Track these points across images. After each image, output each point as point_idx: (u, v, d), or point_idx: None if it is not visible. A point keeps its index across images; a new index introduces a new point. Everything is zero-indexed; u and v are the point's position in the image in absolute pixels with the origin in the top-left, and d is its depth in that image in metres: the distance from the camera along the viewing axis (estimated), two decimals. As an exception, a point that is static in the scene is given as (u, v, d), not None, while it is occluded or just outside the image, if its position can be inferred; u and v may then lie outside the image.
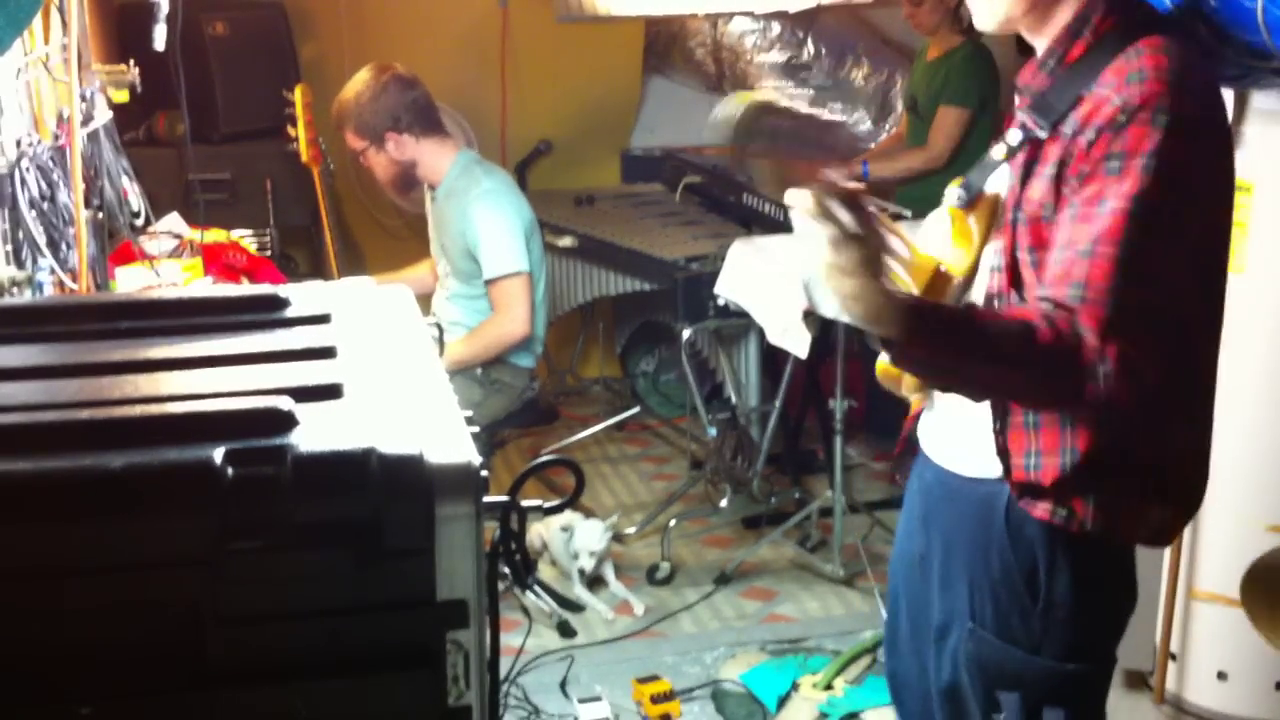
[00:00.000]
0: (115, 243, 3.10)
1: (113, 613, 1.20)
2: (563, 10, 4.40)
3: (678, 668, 3.37)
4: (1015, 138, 1.72)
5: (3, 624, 1.18)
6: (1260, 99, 2.71)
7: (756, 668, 3.34)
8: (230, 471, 1.18)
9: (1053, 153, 1.66)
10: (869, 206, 1.55)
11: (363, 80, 3.49)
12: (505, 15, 5.01)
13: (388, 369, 1.47)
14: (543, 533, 3.80)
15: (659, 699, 3.13)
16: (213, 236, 3.43)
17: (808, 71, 5.21)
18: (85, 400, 1.32)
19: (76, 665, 1.20)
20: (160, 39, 2.89)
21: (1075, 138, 1.62)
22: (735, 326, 3.90)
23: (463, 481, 1.23)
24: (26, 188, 2.36)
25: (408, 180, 3.60)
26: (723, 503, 4.12)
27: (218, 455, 1.18)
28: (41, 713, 1.19)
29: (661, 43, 5.31)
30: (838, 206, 1.50)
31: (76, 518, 1.17)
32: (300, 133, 3.74)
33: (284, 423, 1.26)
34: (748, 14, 5.03)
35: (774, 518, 4.08)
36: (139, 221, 3.23)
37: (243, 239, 3.65)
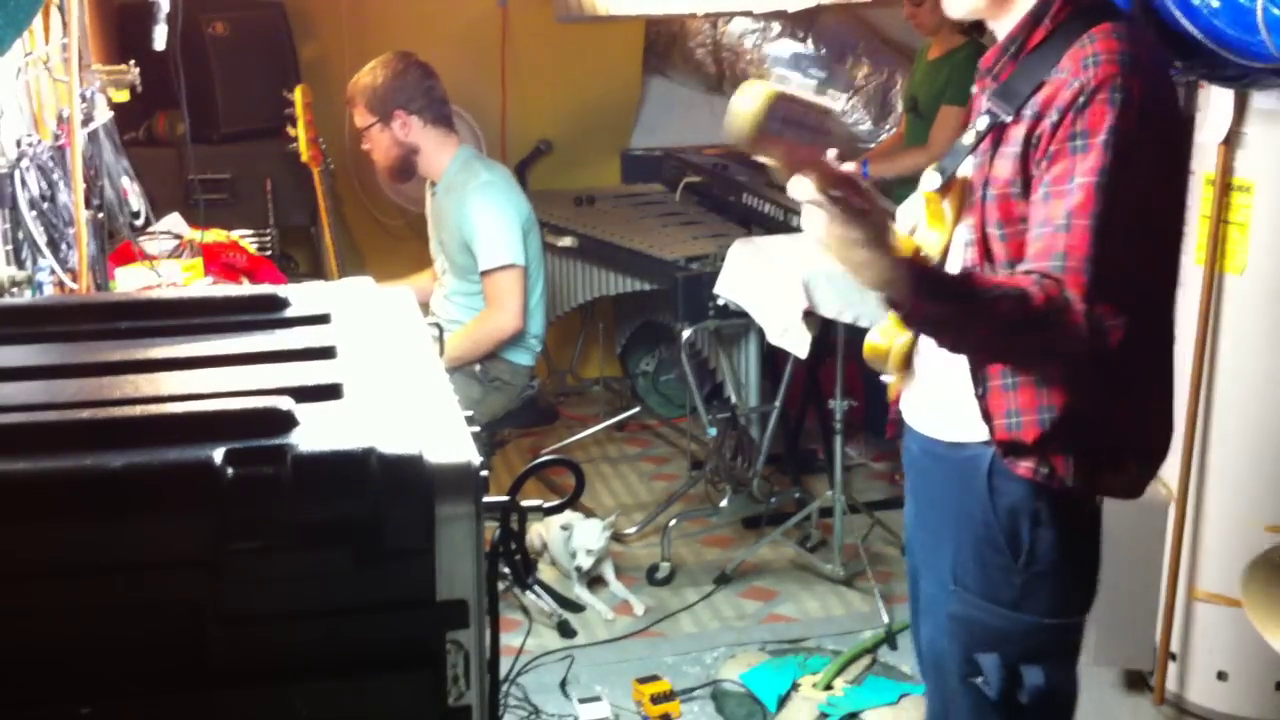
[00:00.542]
0: (115, 243, 3.10)
1: (113, 613, 1.20)
2: (563, 10, 4.40)
3: (678, 668, 3.37)
4: (983, 123, 1.84)
5: (3, 624, 1.18)
6: (1260, 99, 2.71)
7: (756, 668, 3.34)
8: (230, 471, 1.18)
9: (1016, 134, 1.78)
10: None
11: (383, 60, 3.56)
12: (505, 15, 5.01)
13: (388, 369, 1.47)
14: (543, 533, 3.80)
15: (659, 699, 3.13)
16: (213, 236, 3.43)
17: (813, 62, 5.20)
18: (85, 400, 1.32)
19: (76, 665, 1.20)
20: (160, 39, 2.89)
21: (1039, 120, 1.74)
22: (735, 326, 3.90)
23: (463, 481, 1.23)
24: (26, 188, 2.36)
25: (407, 167, 3.61)
26: (723, 503, 4.12)
27: (218, 455, 1.18)
28: (41, 713, 1.19)
29: (661, 43, 5.31)
30: (842, 186, 1.61)
31: (76, 518, 1.17)
32: (300, 133, 3.74)
33: (284, 423, 1.26)
34: (748, 14, 5.03)
35: (774, 518, 4.08)
36: (139, 221, 3.23)
37: (243, 239, 3.65)
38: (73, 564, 1.17)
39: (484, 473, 1.26)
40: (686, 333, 3.89)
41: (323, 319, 1.63)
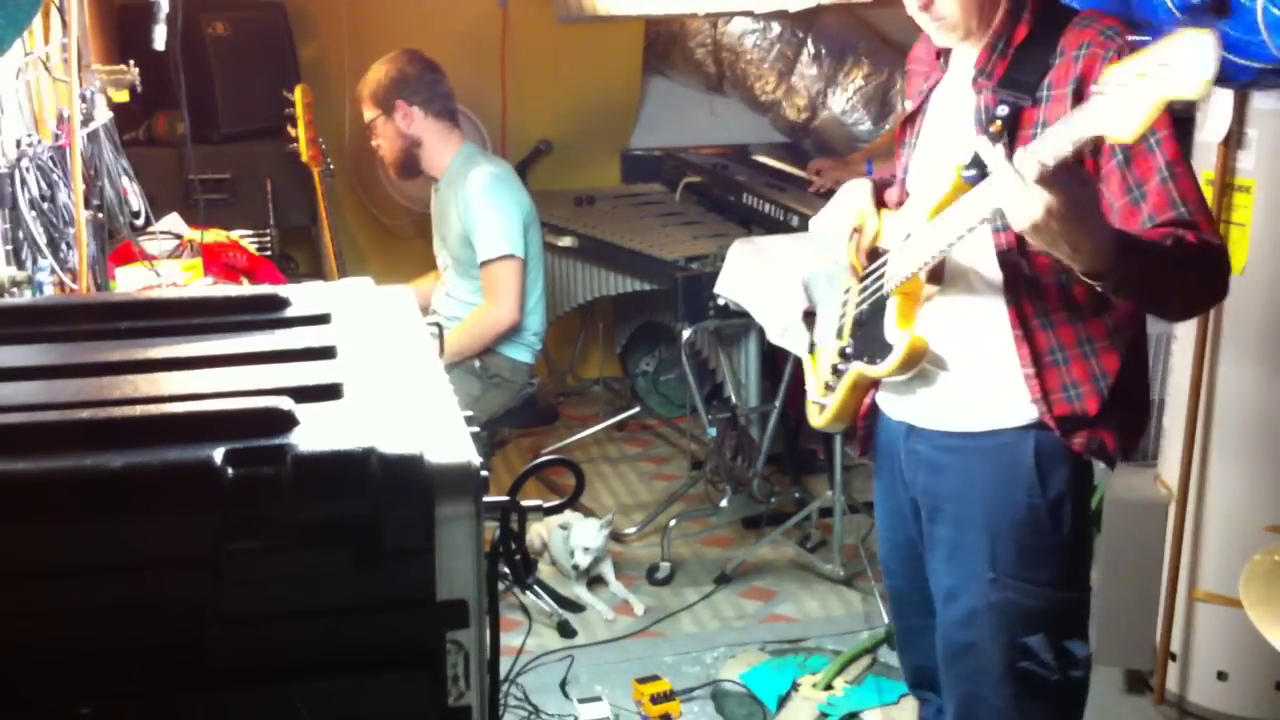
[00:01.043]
0: (115, 243, 3.10)
1: (113, 613, 1.20)
2: (563, 10, 4.40)
3: (678, 668, 3.37)
4: (1003, 110, 1.90)
5: (3, 624, 1.17)
6: (1260, 99, 2.71)
7: (756, 668, 3.34)
8: (230, 471, 1.17)
9: (1036, 114, 1.88)
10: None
11: (390, 57, 3.63)
12: (505, 15, 5.01)
13: (388, 369, 1.47)
14: (542, 533, 3.80)
15: (659, 699, 3.13)
16: (213, 236, 3.43)
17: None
18: (85, 400, 1.32)
19: (76, 665, 1.20)
20: (160, 39, 2.89)
21: (1081, 92, 1.81)
22: (735, 326, 3.90)
23: (463, 481, 1.23)
24: (26, 188, 2.36)
25: (411, 161, 3.63)
26: (723, 503, 4.12)
27: (218, 455, 1.18)
28: (41, 713, 1.19)
29: (661, 43, 5.31)
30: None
31: (76, 518, 1.16)
32: (300, 133, 3.75)
33: (284, 423, 1.26)
34: (748, 14, 5.02)
35: (774, 518, 4.08)
36: (139, 221, 3.23)
37: (243, 239, 3.65)
38: (73, 564, 1.17)
39: (484, 473, 1.26)
40: (686, 333, 3.89)
41: (323, 319, 1.63)
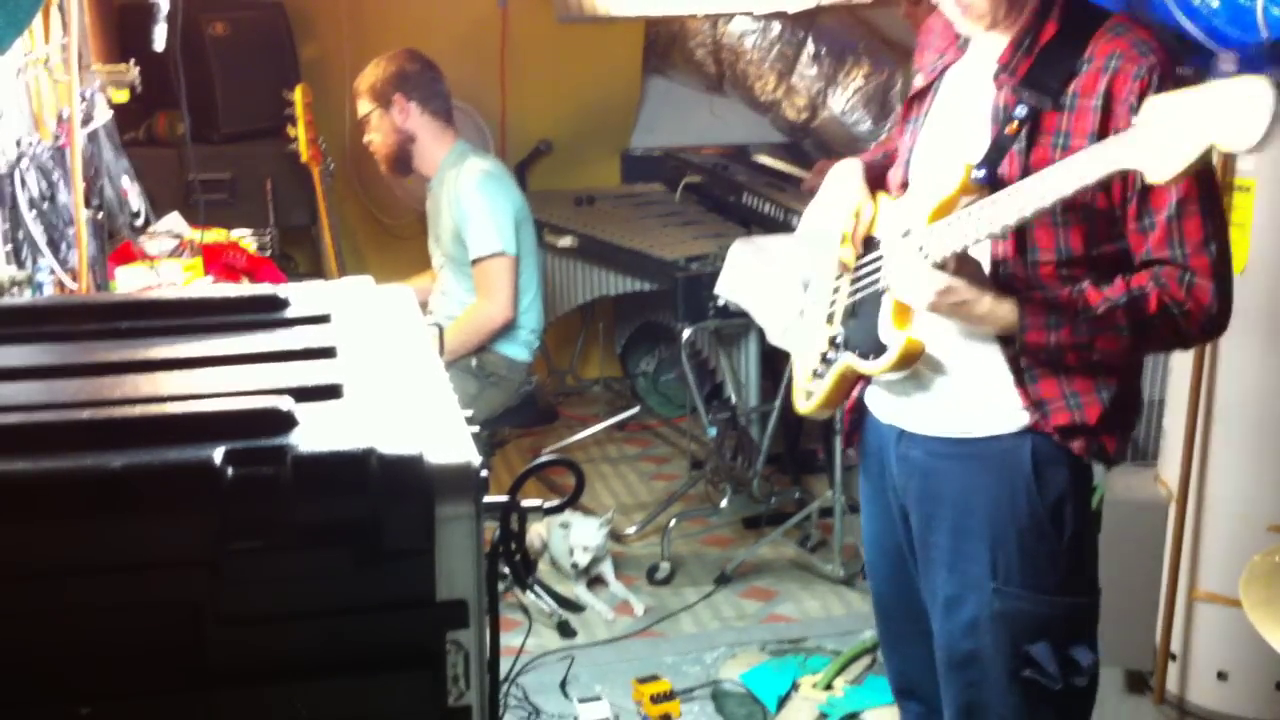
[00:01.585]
0: (115, 243, 3.10)
1: (113, 613, 1.20)
2: (563, 10, 4.40)
3: (678, 668, 3.37)
4: (1022, 111, 1.85)
5: (3, 624, 1.18)
6: (1260, 99, 2.71)
7: (756, 668, 3.34)
8: (230, 471, 1.18)
9: (1058, 122, 1.82)
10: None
11: (389, 55, 3.64)
12: (505, 15, 5.01)
13: (388, 369, 1.47)
14: (542, 533, 3.80)
15: (659, 699, 3.13)
16: (213, 236, 3.43)
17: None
18: (85, 400, 1.32)
19: (76, 665, 1.20)
20: (160, 39, 2.89)
21: (1109, 111, 1.78)
22: (735, 326, 3.90)
23: (463, 482, 1.23)
24: (26, 188, 2.36)
25: (404, 156, 3.63)
26: (723, 503, 4.12)
27: (218, 455, 1.18)
28: (41, 713, 1.19)
29: (661, 43, 5.31)
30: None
31: (76, 518, 1.17)
32: (300, 133, 3.75)
33: (284, 423, 1.26)
34: (748, 14, 5.02)
35: (774, 518, 4.08)
36: (139, 221, 3.23)
37: (243, 239, 3.65)
38: (73, 564, 1.17)
39: (484, 473, 1.26)
40: (686, 333, 3.89)
41: (323, 319, 1.63)
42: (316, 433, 1.25)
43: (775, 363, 4.01)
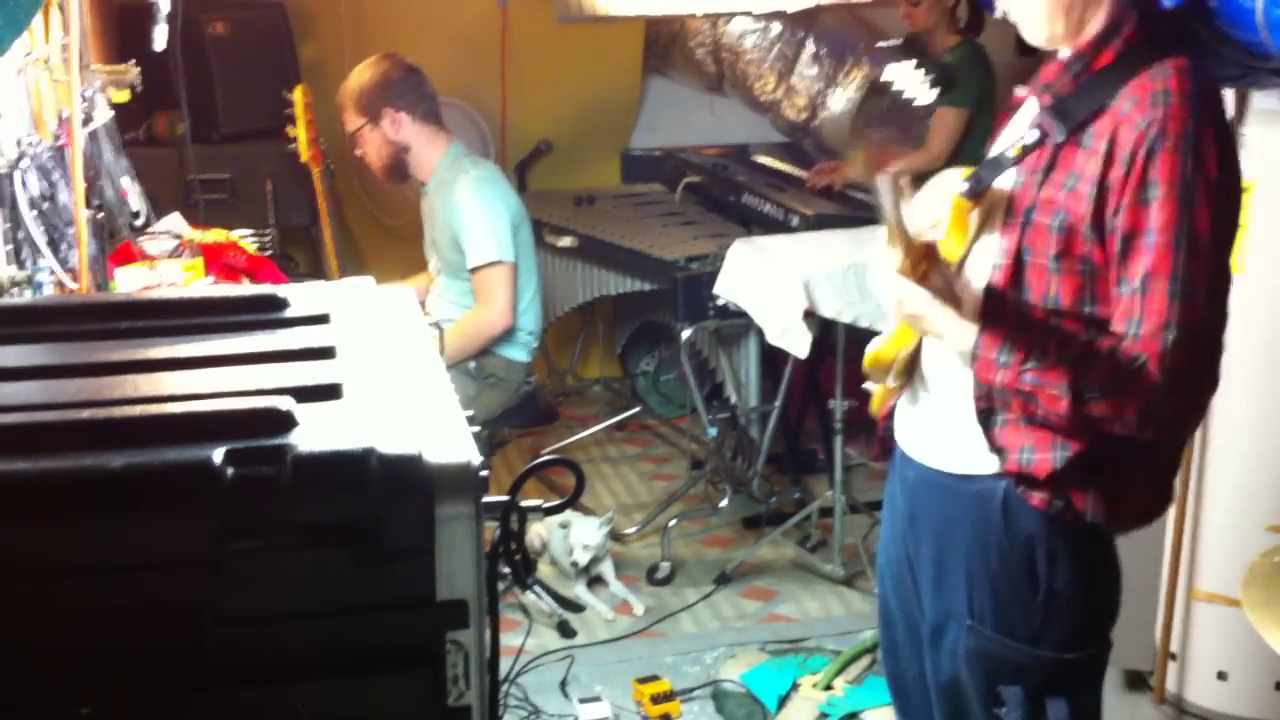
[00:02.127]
0: (115, 243, 3.10)
1: (113, 613, 1.20)
2: (563, 10, 4.40)
3: (678, 668, 3.37)
4: (1032, 136, 1.76)
5: (2, 624, 1.18)
6: (1260, 99, 2.71)
7: (756, 668, 3.34)
8: (230, 471, 1.18)
9: (1074, 162, 1.72)
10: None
11: (369, 63, 3.58)
12: (505, 15, 5.01)
13: (388, 369, 1.47)
14: (542, 533, 3.80)
15: (659, 699, 3.13)
16: (213, 236, 3.43)
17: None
18: (85, 400, 1.33)
19: (76, 665, 1.20)
20: (160, 39, 2.90)
21: (1109, 164, 1.67)
22: (735, 326, 3.90)
23: (463, 481, 1.23)
24: (27, 188, 2.36)
25: (400, 166, 3.61)
26: (723, 503, 4.12)
27: (218, 455, 1.18)
28: (41, 713, 1.19)
29: (661, 43, 5.31)
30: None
31: (76, 518, 1.17)
32: (300, 133, 3.74)
33: (284, 423, 1.26)
34: (747, 14, 5.02)
35: (774, 518, 4.08)
36: (139, 221, 3.24)
37: (243, 239, 3.65)
38: (73, 564, 1.17)
39: (484, 473, 1.26)
40: (686, 333, 3.89)
41: (323, 319, 1.63)
42: (316, 433, 1.25)
43: (775, 363, 4.01)
